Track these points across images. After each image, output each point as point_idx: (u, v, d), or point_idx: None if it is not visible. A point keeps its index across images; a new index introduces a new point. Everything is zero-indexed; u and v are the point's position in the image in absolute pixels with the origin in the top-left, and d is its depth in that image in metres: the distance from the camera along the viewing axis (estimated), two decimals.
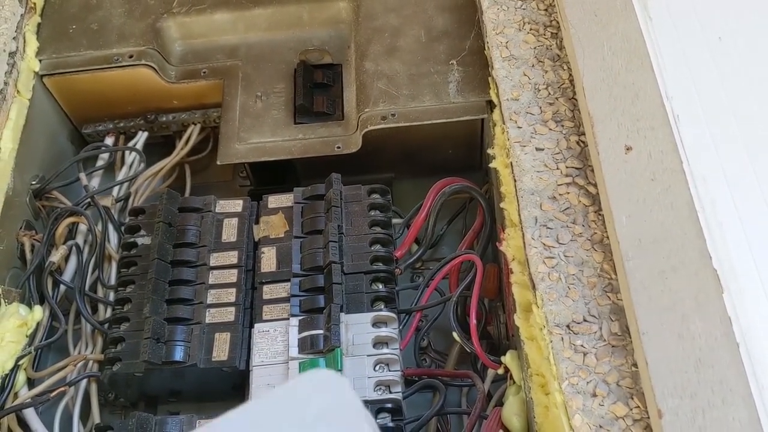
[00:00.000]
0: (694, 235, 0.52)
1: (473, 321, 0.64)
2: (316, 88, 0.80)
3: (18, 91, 0.77)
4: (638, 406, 0.49)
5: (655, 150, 0.56)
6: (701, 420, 0.45)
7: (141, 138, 0.84)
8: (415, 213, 0.74)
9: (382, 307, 0.66)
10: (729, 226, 0.52)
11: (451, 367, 0.70)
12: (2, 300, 0.68)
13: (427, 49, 0.78)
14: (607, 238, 0.57)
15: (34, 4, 0.84)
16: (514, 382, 0.61)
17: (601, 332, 0.53)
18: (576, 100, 0.64)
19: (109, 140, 0.85)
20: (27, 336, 0.68)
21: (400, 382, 0.63)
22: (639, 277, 0.51)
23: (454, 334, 0.65)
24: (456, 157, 0.80)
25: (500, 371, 0.63)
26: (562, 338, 0.53)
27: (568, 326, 0.53)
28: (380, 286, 0.68)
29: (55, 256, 0.73)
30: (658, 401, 0.46)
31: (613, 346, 0.52)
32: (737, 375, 0.46)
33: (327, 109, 0.78)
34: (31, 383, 0.69)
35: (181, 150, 0.84)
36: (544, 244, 0.57)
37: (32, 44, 0.81)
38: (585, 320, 0.53)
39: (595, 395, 0.50)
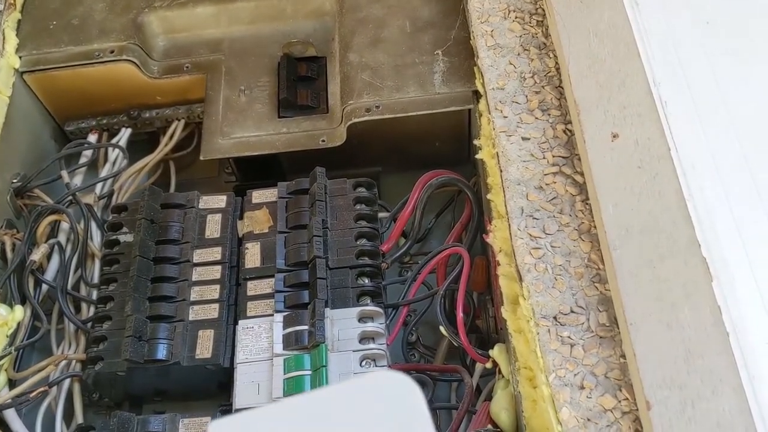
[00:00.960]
0: (682, 223, 0.50)
1: (460, 315, 0.62)
2: (300, 81, 0.79)
3: None
4: (627, 398, 0.48)
5: (642, 137, 0.55)
6: (691, 411, 0.44)
7: (124, 135, 0.83)
8: (401, 206, 0.73)
9: (369, 301, 0.65)
10: (718, 213, 0.51)
11: (439, 362, 0.69)
12: None
13: (411, 39, 0.76)
14: (595, 227, 0.55)
15: (14, 0, 0.82)
16: (503, 376, 0.60)
17: (589, 323, 0.52)
18: (562, 88, 0.63)
19: (92, 137, 0.84)
20: (7, 336, 0.67)
21: None
22: (626, 267, 0.50)
23: (441, 329, 0.64)
24: (444, 150, 0.79)
25: (488, 365, 0.62)
26: (549, 330, 0.52)
27: (555, 318, 0.52)
28: (366, 281, 0.66)
29: (37, 255, 0.71)
30: (647, 393, 0.45)
31: (601, 338, 0.51)
32: (727, 365, 0.45)
33: (311, 102, 0.77)
34: (12, 384, 0.68)
35: (165, 146, 0.82)
36: (530, 235, 0.56)
37: (12, 41, 0.80)
38: (572, 311, 0.52)
39: (582, 387, 0.49)
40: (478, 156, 0.67)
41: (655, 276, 0.49)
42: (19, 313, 0.68)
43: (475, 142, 0.67)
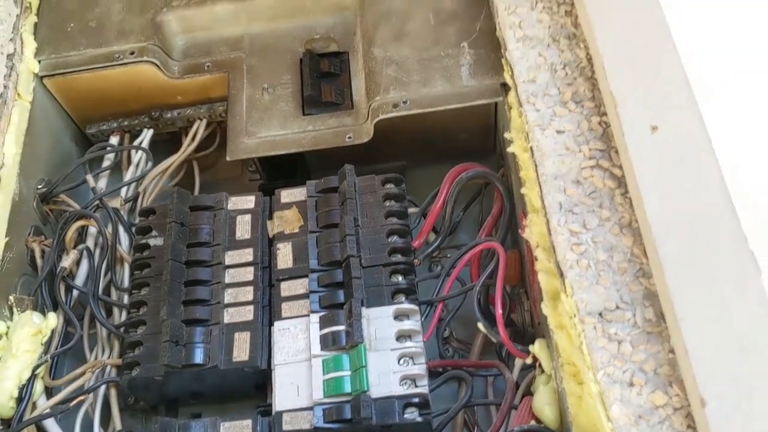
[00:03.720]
0: (728, 215, 0.50)
1: (499, 311, 0.62)
2: (323, 77, 0.78)
3: (18, 94, 0.75)
4: (678, 394, 0.48)
5: (682, 130, 0.54)
6: (747, 406, 0.44)
7: (146, 136, 0.82)
8: (431, 201, 0.72)
9: (403, 299, 0.65)
10: (764, 205, 0.50)
11: (475, 358, 0.69)
12: (15, 308, 0.67)
13: (436, 32, 0.75)
14: (636, 221, 0.55)
15: (30, 3, 0.81)
16: (543, 372, 0.60)
17: (635, 319, 0.51)
18: (595, 79, 0.63)
19: (113, 140, 0.83)
20: (42, 344, 0.67)
21: (425, 376, 0.61)
22: (673, 261, 0.50)
23: (480, 325, 0.64)
24: (469, 142, 0.78)
25: (528, 361, 0.62)
26: (595, 327, 0.51)
27: (600, 314, 0.52)
28: (400, 278, 0.66)
29: (67, 261, 0.71)
30: (701, 389, 0.45)
31: (648, 333, 0.51)
32: None
33: (335, 98, 0.76)
34: (48, 392, 0.68)
35: (188, 146, 0.82)
36: (570, 230, 0.56)
37: (30, 45, 0.79)
38: (618, 307, 0.52)
39: (632, 384, 0.49)
40: (509, 150, 0.66)
41: (703, 270, 0.49)
42: (53, 320, 0.68)
43: (506, 135, 0.67)
